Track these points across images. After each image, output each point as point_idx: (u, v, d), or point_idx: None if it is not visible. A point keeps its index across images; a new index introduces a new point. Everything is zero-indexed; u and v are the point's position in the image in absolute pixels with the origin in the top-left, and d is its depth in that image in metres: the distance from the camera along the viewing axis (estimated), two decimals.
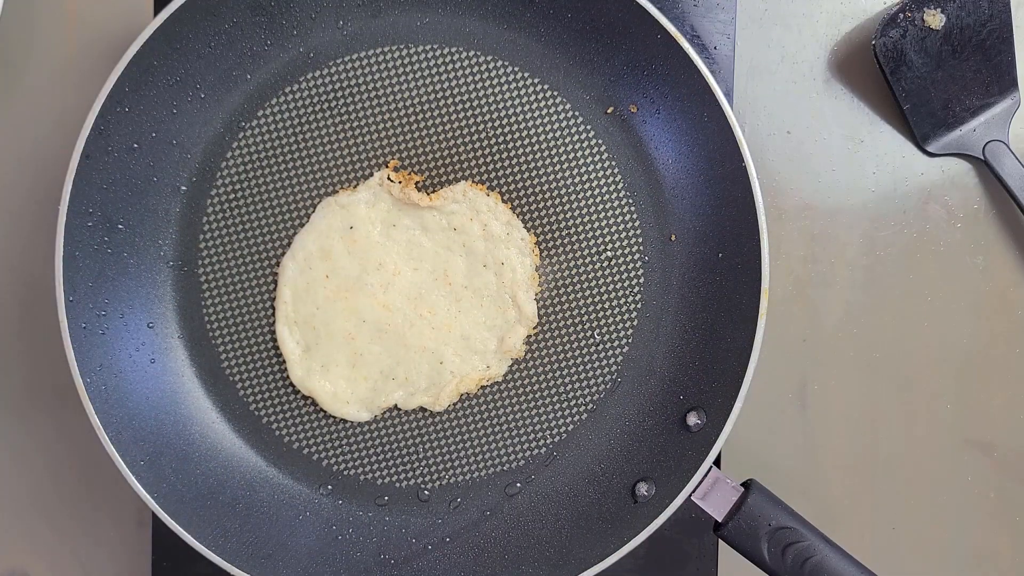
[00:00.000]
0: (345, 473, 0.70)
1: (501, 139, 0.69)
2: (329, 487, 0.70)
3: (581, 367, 0.70)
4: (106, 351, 0.66)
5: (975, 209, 0.73)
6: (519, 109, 0.69)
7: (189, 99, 0.67)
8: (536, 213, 0.69)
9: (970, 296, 0.74)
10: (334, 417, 0.69)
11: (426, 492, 0.70)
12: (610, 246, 0.69)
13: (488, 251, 0.69)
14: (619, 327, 0.69)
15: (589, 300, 0.70)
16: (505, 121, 0.69)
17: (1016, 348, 0.74)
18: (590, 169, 0.69)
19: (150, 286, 0.68)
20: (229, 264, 0.69)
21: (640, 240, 0.69)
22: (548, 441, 0.70)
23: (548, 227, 0.69)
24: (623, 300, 0.69)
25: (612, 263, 0.69)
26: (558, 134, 0.69)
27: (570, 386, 0.70)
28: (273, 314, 0.69)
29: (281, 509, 0.69)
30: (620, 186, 0.69)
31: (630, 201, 0.69)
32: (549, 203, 0.69)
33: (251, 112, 0.69)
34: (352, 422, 0.70)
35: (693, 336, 0.68)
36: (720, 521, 0.63)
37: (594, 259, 0.69)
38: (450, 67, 0.69)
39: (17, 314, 0.73)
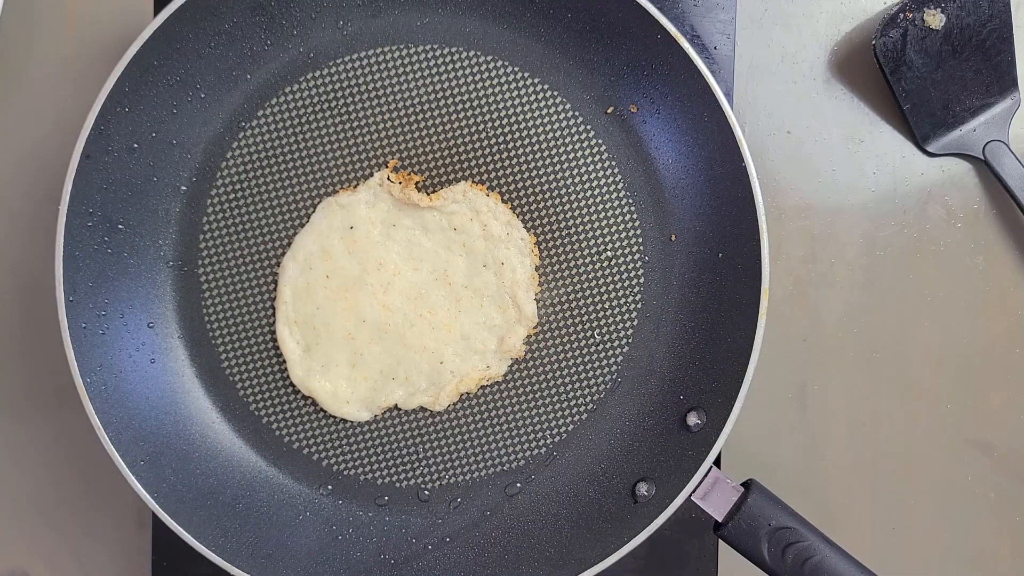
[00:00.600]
0: (345, 473, 0.70)
1: (501, 139, 0.69)
2: (329, 487, 0.70)
3: (581, 367, 0.70)
4: (106, 351, 0.65)
5: (975, 209, 0.73)
6: (519, 109, 0.69)
7: (189, 99, 0.67)
8: (536, 213, 0.69)
9: (970, 296, 0.74)
10: (334, 417, 0.69)
11: (426, 492, 0.70)
12: (610, 246, 0.69)
13: (488, 251, 0.69)
14: (619, 327, 0.69)
15: (589, 300, 0.70)
16: (505, 121, 0.69)
17: (1016, 348, 0.74)
18: (590, 169, 0.69)
19: (150, 286, 0.68)
20: (229, 264, 0.69)
21: (640, 240, 0.69)
22: (548, 441, 0.70)
23: (548, 227, 0.69)
24: (623, 300, 0.69)
25: (612, 263, 0.69)
26: (558, 134, 0.69)
27: (570, 386, 0.70)
28: (273, 314, 0.69)
29: (281, 509, 0.69)
30: (620, 186, 0.69)
31: (630, 201, 0.69)
32: (549, 203, 0.69)
33: (251, 112, 0.69)
34: (352, 422, 0.70)
35: (693, 336, 0.68)
36: (720, 521, 0.63)
37: (594, 259, 0.69)
38: (450, 67, 0.69)
39: (17, 314, 0.73)
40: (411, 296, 0.69)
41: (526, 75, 0.69)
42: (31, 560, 0.74)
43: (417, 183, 0.69)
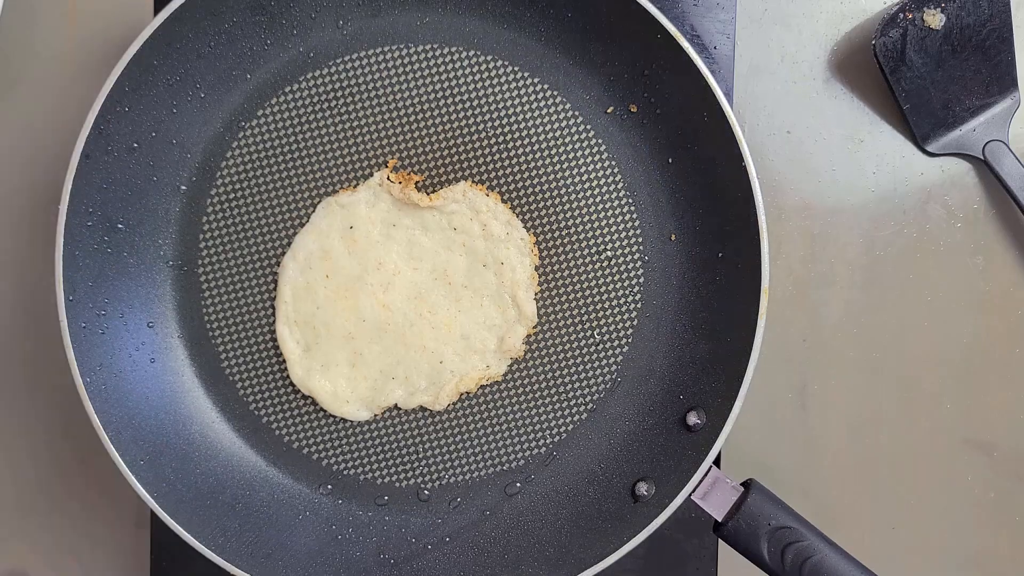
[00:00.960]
0: (345, 473, 0.70)
1: (501, 139, 0.69)
2: (329, 487, 0.70)
3: (581, 367, 0.70)
4: (106, 351, 0.65)
5: (975, 209, 0.73)
6: (519, 109, 0.69)
7: (189, 99, 0.67)
8: (536, 213, 0.69)
9: (970, 296, 0.74)
10: (334, 417, 0.69)
11: (426, 492, 0.70)
12: (610, 246, 0.69)
13: (488, 251, 0.69)
14: (619, 327, 0.69)
15: (589, 300, 0.70)
16: (505, 121, 0.69)
17: (1016, 348, 0.74)
18: (590, 169, 0.69)
19: (150, 286, 0.68)
20: (229, 264, 0.69)
21: (640, 240, 0.69)
22: (548, 441, 0.70)
23: (548, 227, 0.69)
24: (623, 300, 0.69)
25: (612, 263, 0.69)
26: (558, 134, 0.69)
27: (570, 386, 0.70)
28: (273, 314, 0.69)
29: (281, 509, 0.69)
30: (620, 186, 0.69)
31: (630, 201, 0.69)
32: (549, 203, 0.69)
33: (251, 112, 0.69)
34: (352, 422, 0.70)
35: (693, 336, 0.68)
36: (720, 521, 0.63)
37: (594, 259, 0.69)
38: (450, 67, 0.69)
39: (17, 314, 0.73)
40: (411, 296, 0.69)
41: (526, 75, 0.69)
42: (31, 560, 0.74)
43: (417, 183, 0.69)
